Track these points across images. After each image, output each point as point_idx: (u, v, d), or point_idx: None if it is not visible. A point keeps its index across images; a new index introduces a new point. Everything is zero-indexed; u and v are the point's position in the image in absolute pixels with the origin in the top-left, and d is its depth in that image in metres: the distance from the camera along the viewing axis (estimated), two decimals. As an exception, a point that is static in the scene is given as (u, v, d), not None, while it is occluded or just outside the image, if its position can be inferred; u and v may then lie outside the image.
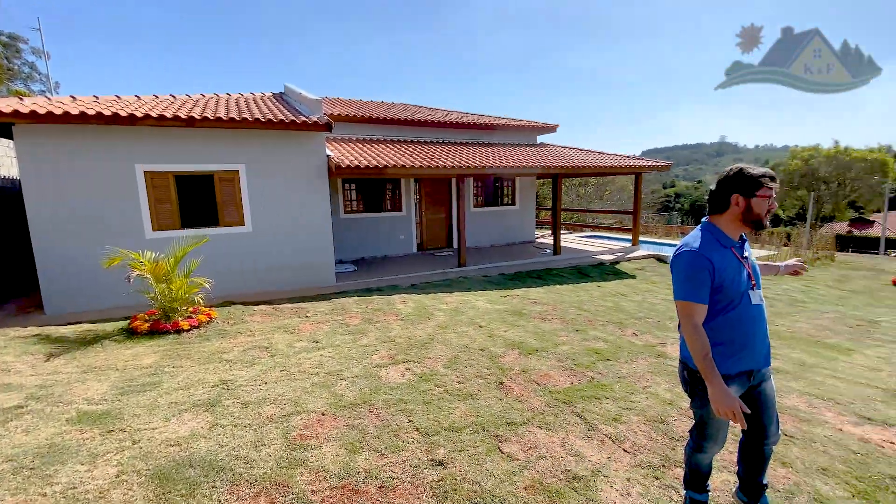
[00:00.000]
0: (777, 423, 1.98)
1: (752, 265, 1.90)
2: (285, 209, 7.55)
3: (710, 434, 1.95)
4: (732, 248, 1.83)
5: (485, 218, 12.35)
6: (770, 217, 1.81)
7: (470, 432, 2.87)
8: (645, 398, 3.42)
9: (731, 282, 1.78)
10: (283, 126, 7.05)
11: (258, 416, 3.09)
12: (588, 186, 29.07)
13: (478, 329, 5.20)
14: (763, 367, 1.90)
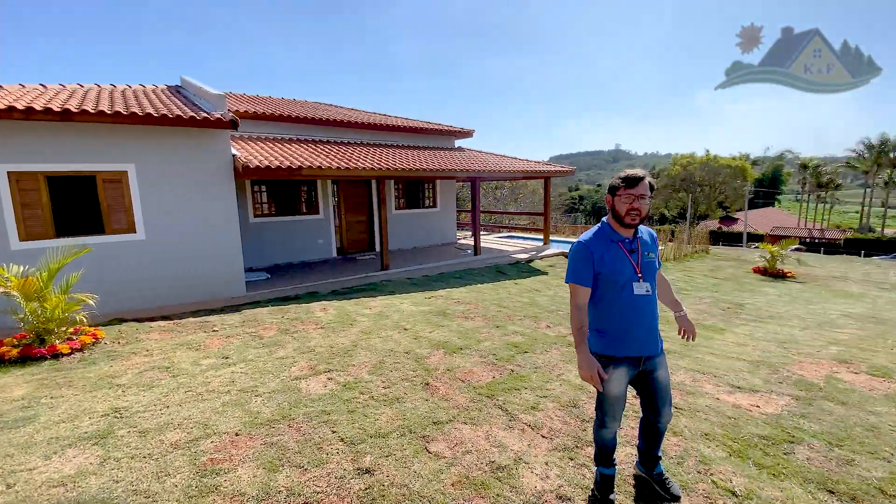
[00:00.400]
0: (670, 404, 2.20)
1: (647, 262, 2.07)
2: (185, 214, 6.88)
3: (607, 409, 2.14)
4: (620, 242, 2.04)
5: (407, 220, 12.36)
6: (637, 214, 1.97)
7: (397, 436, 2.86)
8: (559, 385, 3.67)
9: (612, 272, 2.01)
10: (180, 122, 6.43)
11: (160, 444, 2.78)
12: (504, 189, 30.43)
13: (403, 332, 5.19)
14: (652, 355, 2.09)
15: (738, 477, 2.49)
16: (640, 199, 1.97)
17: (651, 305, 2.08)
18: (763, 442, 2.86)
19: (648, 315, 2.06)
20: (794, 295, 8.87)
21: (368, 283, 8.23)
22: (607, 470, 2.26)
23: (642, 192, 1.97)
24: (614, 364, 2.06)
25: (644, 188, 1.98)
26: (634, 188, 1.96)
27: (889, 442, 2.90)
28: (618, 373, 2.07)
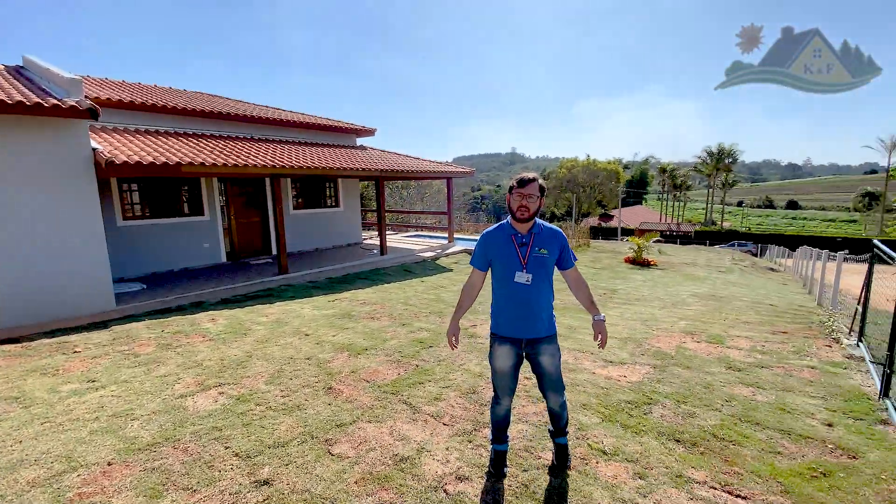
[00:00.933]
0: (556, 392, 2.38)
1: (536, 255, 2.25)
2: (32, 218, 5.81)
3: (495, 383, 2.40)
4: (513, 236, 2.29)
5: (307, 221, 11.84)
6: (525, 210, 2.21)
7: (297, 444, 2.79)
8: (460, 375, 3.88)
9: (500, 261, 2.31)
10: (22, 110, 5.42)
11: (14, 483, 2.36)
12: (410, 189, 30.63)
13: (304, 338, 5.01)
14: (533, 340, 2.29)
15: (608, 438, 2.89)
16: (529, 198, 2.20)
17: (532, 294, 2.26)
18: (628, 406, 3.35)
19: (528, 302, 2.28)
20: (655, 280, 10.37)
21: (265, 290, 7.76)
22: (500, 446, 2.47)
23: (531, 192, 2.21)
24: (499, 342, 2.35)
25: (533, 189, 2.21)
26: (524, 188, 2.21)
27: (720, 396, 3.59)
28: (501, 349, 2.34)
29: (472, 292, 2.42)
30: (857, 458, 2.72)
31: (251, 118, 10.59)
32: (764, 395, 3.61)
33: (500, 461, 2.45)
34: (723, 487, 2.41)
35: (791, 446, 2.85)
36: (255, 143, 10.01)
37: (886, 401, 3.45)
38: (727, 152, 57.33)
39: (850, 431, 3.05)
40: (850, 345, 4.98)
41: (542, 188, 2.26)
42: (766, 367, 4.23)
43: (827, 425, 3.13)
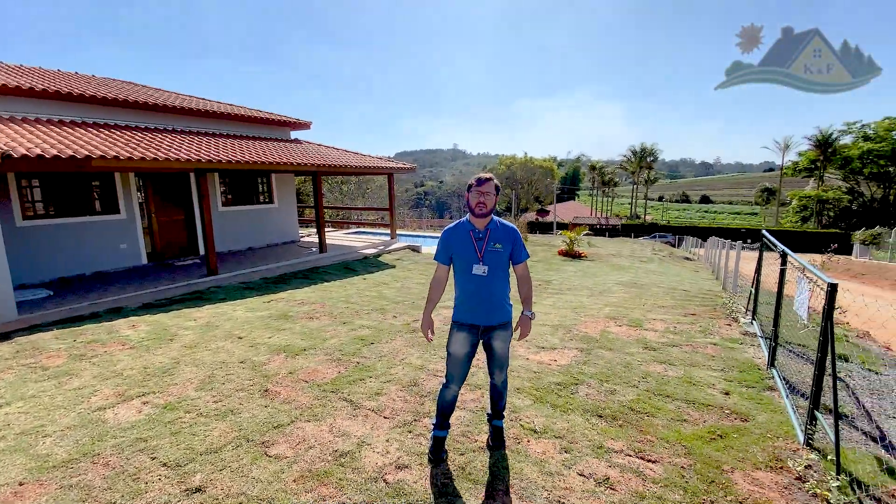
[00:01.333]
0: (502, 370, 2.61)
1: (491, 250, 2.44)
2: None
3: (448, 367, 2.56)
4: (471, 231, 2.48)
5: (238, 218, 11.25)
6: (483, 207, 2.41)
7: (232, 448, 2.71)
8: (402, 369, 3.94)
9: (459, 254, 2.49)
10: None
11: None
12: (350, 184, 29.98)
13: (237, 341, 4.81)
14: (490, 326, 2.48)
15: (539, 418, 3.11)
16: (486, 195, 2.42)
17: (488, 285, 2.45)
18: (557, 387, 3.60)
19: (485, 292, 2.46)
20: (585, 271, 11.06)
21: (192, 292, 7.30)
22: (440, 433, 2.61)
23: (487, 190, 2.42)
24: (458, 328, 2.53)
25: (489, 187, 2.43)
26: (482, 186, 2.42)
27: (637, 374, 3.95)
28: (459, 336, 2.51)
29: (440, 285, 2.60)
30: (748, 421, 3.14)
31: (174, 108, 9.84)
32: (674, 370, 4.03)
33: (438, 447, 2.57)
34: (636, 454, 2.69)
35: (695, 414, 3.23)
36: (179, 136, 9.33)
37: (773, 370, 4.00)
38: (649, 151, 62.01)
39: (742, 398, 3.50)
40: (745, 323, 5.67)
41: (496, 186, 2.47)
42: (677, 346, 4.72)
43: (724, 394, 3.58)
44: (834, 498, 2.25)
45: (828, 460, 2.57)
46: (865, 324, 6.52)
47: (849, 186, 44.79)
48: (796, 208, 48.02)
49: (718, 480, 2.43)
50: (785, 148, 52.61)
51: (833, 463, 2.44)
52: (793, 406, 3.26)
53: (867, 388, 3.93)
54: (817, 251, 26.89)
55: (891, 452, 2.81)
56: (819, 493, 2.32)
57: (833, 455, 2.45)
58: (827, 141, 44.52)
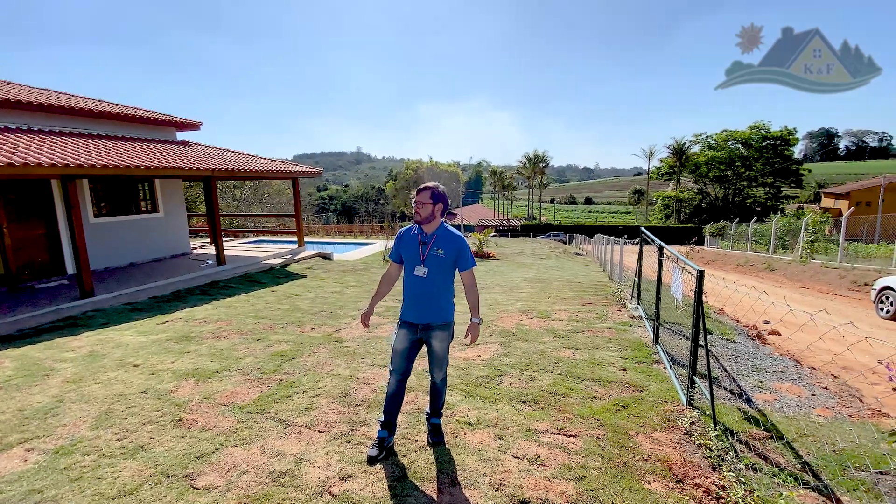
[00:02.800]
0: (440, 368, 2.75)
1: (433, 254, 2.59)
2: None
3: (391, 359, 2.74)
4: (419, 235, 2.68)
5: (115, 230, 9.83)
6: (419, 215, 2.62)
7: (150, 486, 2.45)
8: (330, 381, 3.86)
9: (406, 255, 2.70)
10: None
11: None
12: (245, 189, 27.81)
13: (132, 370, 4.26)
14: (427, 325, 2.63)
15: (472, 411, 3.29)
16: (420, 205, 2.61)
17: (427, 286, 2.61)
18: (484, 380, 3.84)
19: (425, 292, 2.63)
20: (495, 270, 11.72)
21: (64, 318, 6.26)
22: (381, 432, 2.73)
23: (421, 200, 2.60)
24: (400, 325, 2.73)
25: (423, 197, 2.60)
26: (417, 196, 2.62)
27: (551, 360, 4.37)
28: (400, 332, 2.71)
29: (390, 281, 2.84)
30: (643, 391, 3.68)
31: (30, 105, 8.26)
32: (580, 354, 4.54)
33: (378, 445, 2.68)
34: (560, 432, 3.01)
35: (601, 390, 3.69)
36: (39, 136, 7.88)
37: (657, 346, 4.70)
38: (541, 158, 67.37)
39: (637, 372, 4.08)
40: (632, 308, 6.55)
41: (433, 194, 2.61)
42: (580, 332, 5.29)
43: (622, 370, 4.13)
44: (714, 445, 2.78)
45: (706, 416, 3.14)
46: (718, 301, 7.93)
47: (699, 188, 53.41)
48: (660, 207, 55.90)
49: (627, 444, 2.84)
50: (650, 155, 60.99)
51: (710, 418, 3.00)
52: (676, 375, 3.90)
53: (726, 354, 4.83)
54: (680, 243, 31.62)
55: (750, 405, 3.52)
56: (703, 442, 2.85)
57: (710, 411, 3.01)
58: (681, 149, 52.59)
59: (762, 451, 2.82)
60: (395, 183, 52.38)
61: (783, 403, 3.66)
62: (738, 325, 6.26)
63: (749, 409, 3.43)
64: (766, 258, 16.02)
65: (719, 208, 49.15)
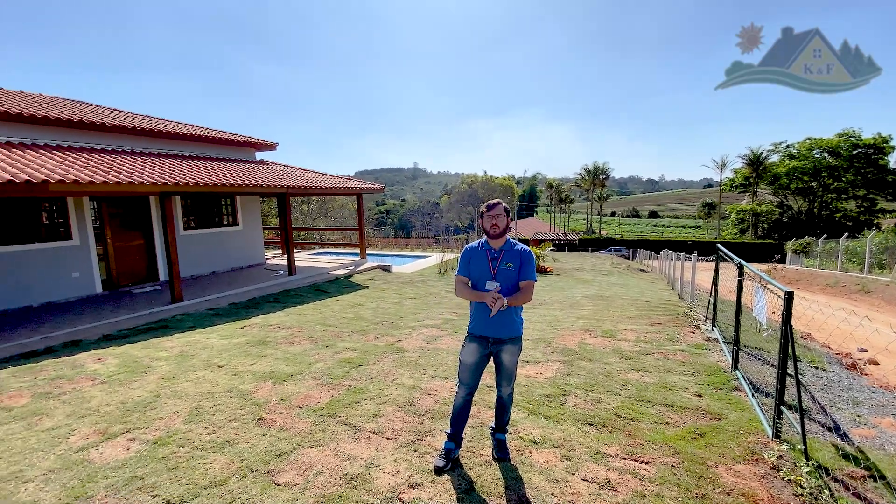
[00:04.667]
0: (508, 383, 2.79)
1: (503, 268, 2.66)
2: None
3: (459, 373, 2.79)
4: (487, 251, 2.73)
5: (201, 242, 10.84)
6: (496, 228, 2.65)
7: (237, 479, 2.66)
8: (395, 389, 3.98)
9: (476, 270, 2.74)
10: None
11: None
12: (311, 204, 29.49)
13: (217, 370, 4.66)
14: (499, 340, 2.67)
15: (536, 429, 3.25)
16: (497, 218, 2.67)
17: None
18: (547, 399, 3.77)
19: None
20: (553, 285, 11.47)
21: (157, 321, 6.97)
22: (447, 444, 2.78)
23: (497, 214, 2.67)
24: (469, 339, 2.77)
25: (498, 211, 2.67)
26: (491, 211, 2.68)
27: (617, 381, 4.20)
28: (470, 346, 2.75)
29: (466, 288, 2.77)
30: (722, 420, 3.43)
31: (133, 129, 9.47)
32: (650, 377, 4.32)
33: (445, 457, 2.72)
34: (630, 457, 2.88)
35: (675, 416, 3.49)
36: (140, 158, 8.97)
37: (737, 371, 4.37)
38: (601, 169, 65.32)
39: (714, 399, 3.81)
40: (707, 329, 6.13)
41: (506, 209, 2.72)
42: (649, 354, 5.04)
43: (697, 396, 3.88)
44: (806, 482, 2.53)
45: (796, 450, 2.87)
46: (806, 326, 7.21)
47: (779, 200, 49.06)
48: (734, 221, 51.93)
49: (706, 475, 2.66)
50: (722, 166, 57.06)
51: (801, 452, 2.74)
52: (759, 404, 3.60)
53: (817, 384, 4.38)
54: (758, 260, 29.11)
55: (845, 440, 3.17)
56: (793, 479, 2.60)
57: (801, 445, 2.75)
58: (758, 159, 48.76)
59: (860, 491, 2.53)
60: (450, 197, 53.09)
61: (884, 440, 3.25)
62: (828, 353, 5.65)
63: (845, 444, 3.08)
64: (860, 279, 14.32)
65: (802, 223, 44.77)
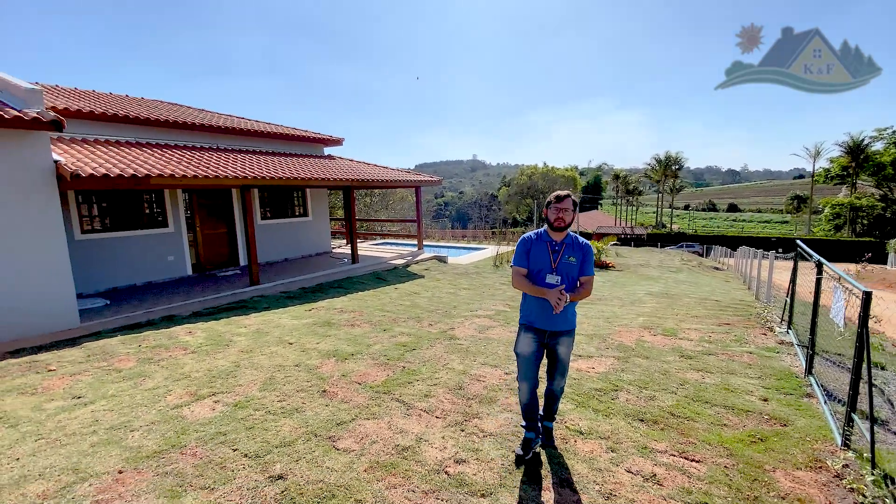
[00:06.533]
0: (562, 376, 2.80)
1: (565, 262, 2.62)
2: (-9, 233, 5.59)
3: (518, 366, 2.80)
4: (548, 242, 2.68)
5: (276, 231, 11.76)
6: (562, 221, 2.60)
7: (303, 441, 2.98)
8: (446, 374, 4.17)
9: (535, 262, 2.69)
10: (-20, 122, 5.24)
11: (23, 498, 2.41)
12: (374, 196, 30.62)
13: (288, 346, 5.12)
14: (556, 332, 2.66)
15: (583, 420, 3.27)
16: (564, 211, 2.61)
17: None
18: (597, 393, 3.76)
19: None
20: (614, 281, 11.08)
21: (237, 301, 7.71)
22: (527, 433, 2.81)
23: (566, 206, 2.61)
24: (524, 330, 2.75)
25: (568, 203, 2.61)
26: (560, 203, 2.61)
27: (674, 380, 4.07)
28: (525, 337, 2.74)
29: (524, 281, 2.71)
30: (788, 426, 3.24)
31: (217, 128, 10.46)
32: (711, 378, 4.13)
33: (525, 445, 2.75)
34: (680, 454, 2.83)
35: (734, 419, 3.34)
36: (223, 154, 9.90)
37: (810, 377, 4.06)
38: (674, 159, 61.10)
39: (781, 404, 3.59)
40: (781, 332, 5.68)
41: (574, 202, 2.66)
42: (713, 354, 4.79)
43: (763, 400, 3.66)
44: (869, 491, 2.36)
45: (864, 459, 2.66)
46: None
47: (882, 193, 43.13)
48: (829, 216, 46.47)
49: (761, 479, 2.56)
50: (816, 154, 51.12)
51: (869, 461, 2.54)
52: (831, 412, 3.33)
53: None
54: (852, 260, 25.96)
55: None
56: (856, 487, 2.43)
57: (869, 454, 2.55)
58: (859, 147, 43.12)
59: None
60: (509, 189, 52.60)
61: None
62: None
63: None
64: None
65: (913, 219, 39.02)
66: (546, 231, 2.72)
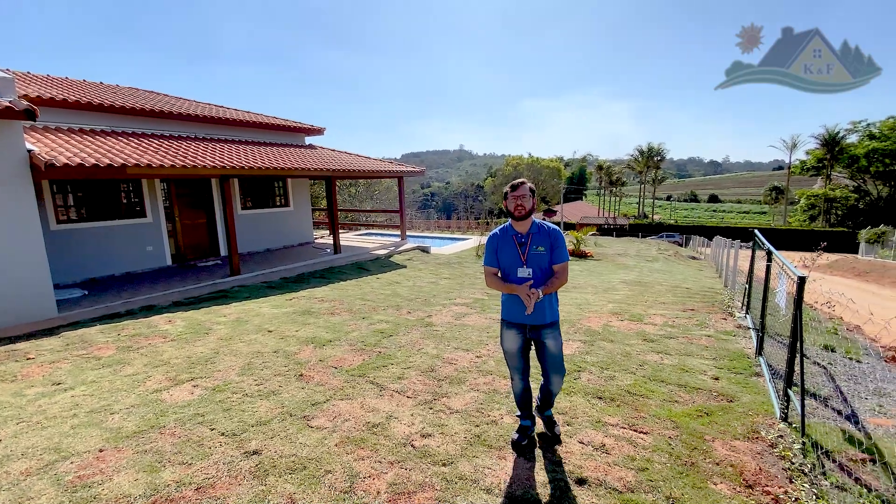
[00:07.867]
0: (557, 374, 2.71)
1: (534, 253, 2.58)
2: (-36, 223, 5.54)
3: (507, 362, 2.83)
4: (514, 236, 2.65)
5: (257, 221, 11.74)
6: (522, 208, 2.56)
7: (278, 421, 3.13)
8: (419, 358, 4.35)
9: (504, 258, 2.67)
10: (-51, 110, 5.17)
11: (6, 475, 2.52)
12: (358, 187, 30.47)
13: (267, 334, 5.24)
14: (537, 325, 2.61)
15: (545, 398, 3.49)
16: (522, 198, 2.58)
17: (533, 286, 2.56)
18: (561, 373, 3.98)
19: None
20: (590, 269, 11.39)
21: (217, 291, 7.76)
22: (523, 421, 2.86)
23: (521, 194, 2.58)
24: (506, 326, 2.73)
25: (523, 191, 2.58)
26: (516, 191, 2.60)
27: (635, 362, 4.32)
28: (508, 333, 2.73)
29: (496, 279, 2.72)
30: (733, 401, 3.51)
31: (196, 117, 10.35)
32: (669, 359, 4.40)
33: (521, 432, 2.80)
34: (630, 427, 3.07)
35: (685, 396, 3.59)
36: (202, 143, 9.83)
37: (760, 358, 4.35)
38: (656, 151, 61.99)
39: (730, 382, 3.86)
40: (740, 317, 6.01)
41: (531, 189, 2.63)
42: (674, 338, 5.07)
43: (714, 379, 3.94)
44: (797, 458, 2.62)
45: (797, 430, 2.93)
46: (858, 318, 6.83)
47: (856, 185, 44.59)
48: (804, 207, 47.90)
49: (700, 447, 2.80)
50: (793, 146, 52.40)
51: (800, 431, 2.81)
52: (774, 388, 3.62)
53: (847, 374, 4.27)
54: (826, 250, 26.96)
55: (857, 427, 3.17)
56: (785, 455, 2.69)
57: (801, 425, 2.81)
58: (834, 139, 44.38)
59: (855, 472, 2.57)
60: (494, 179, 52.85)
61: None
62: (870, 345, 5.39)
63: (855, 431, 3.08)
64: (946, 272, 13.00)
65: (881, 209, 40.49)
66: (511, 224, 2.67)
